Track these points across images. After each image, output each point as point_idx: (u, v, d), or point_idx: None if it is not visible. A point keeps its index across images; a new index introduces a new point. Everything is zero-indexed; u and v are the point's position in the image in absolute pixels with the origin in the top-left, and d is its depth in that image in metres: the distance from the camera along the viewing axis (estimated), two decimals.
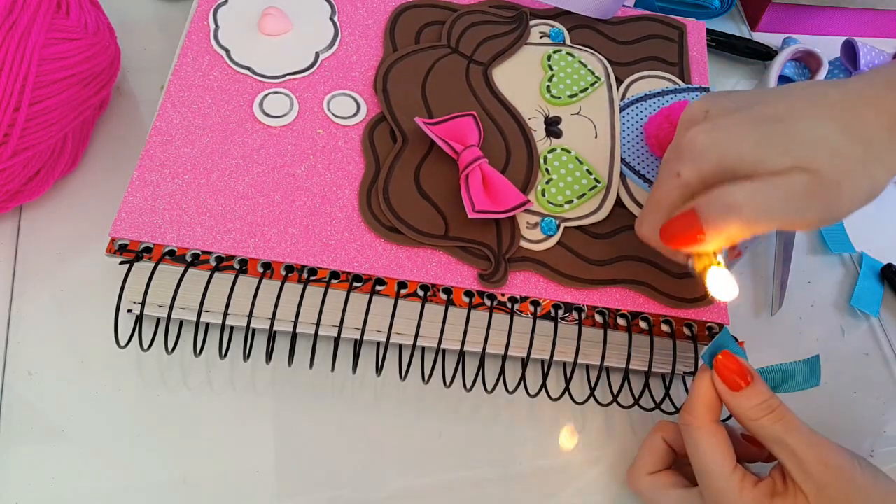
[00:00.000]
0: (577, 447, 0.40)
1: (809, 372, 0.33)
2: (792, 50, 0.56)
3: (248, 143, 0.39)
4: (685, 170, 0.32)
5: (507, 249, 0.38)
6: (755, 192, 0.30)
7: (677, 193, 0.33)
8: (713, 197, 0.31)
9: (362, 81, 0.42)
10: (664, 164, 0.34)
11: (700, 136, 0.31)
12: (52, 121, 0.38)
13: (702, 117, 0.32)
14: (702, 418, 0.33)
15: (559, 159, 0.41)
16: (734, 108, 0.32)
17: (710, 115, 0.32)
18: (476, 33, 0.45)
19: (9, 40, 0.36)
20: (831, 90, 0.31)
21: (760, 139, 0.30)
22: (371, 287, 0.36)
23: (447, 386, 0.38)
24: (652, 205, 0.34)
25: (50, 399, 0.37)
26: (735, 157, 0.30)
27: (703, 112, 0.33)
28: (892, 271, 0.49)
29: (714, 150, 0.31)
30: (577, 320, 0.37)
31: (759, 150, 0.30)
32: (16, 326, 0.38)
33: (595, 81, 0.45)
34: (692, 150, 0.31)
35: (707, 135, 0.31)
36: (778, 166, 0.30)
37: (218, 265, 0.35)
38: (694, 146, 0.31)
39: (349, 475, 0.37)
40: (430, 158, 0.40)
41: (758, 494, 0.31)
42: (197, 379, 0.38)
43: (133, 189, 0.36)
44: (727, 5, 0.59)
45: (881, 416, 0.44)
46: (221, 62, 0.41)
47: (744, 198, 0.30)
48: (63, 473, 0.35)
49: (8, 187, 0.39)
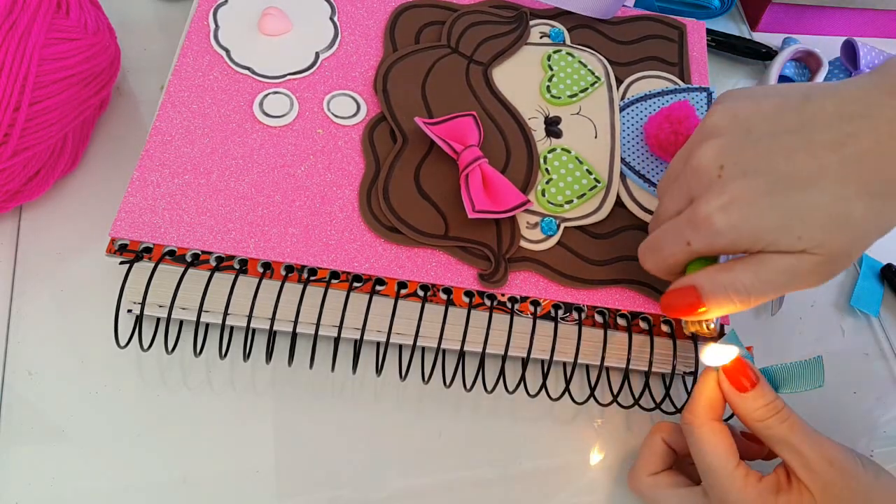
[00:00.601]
0: (577, 447, 0.40)
1: (812, 373, 0.33)
2: (792, 50, 0.56)
3: (248, 143, 0.39)
4: (698, 244, 0.32)
5: (507, 249, 0.38)
6: (761, 277, 0.30)
7: (684, 258, 0.33)
8: (717, 281, 0.31)
9: (362, 81, 0.42)
10: (669, 191, 0.33)
11: (717, 217, 0.30)
12: (52, 121, 0.38)
13: (715, 172, 0.31)
14: (704, 417, 0.33)
15: (559, 159, 0.41)
16: (752, 163, 0.30)
17: (726, 175, 0.31)
18: (476, 33, 0.45)
19: (9, 40, 0.36)
20: (863, 129, 0.29)
21: (777, 223, 0.30)
22: (371, 287, 0.36)
23: (447, 386, 0.38)
24: (652, 248, 0.34)
25: (50, 399, 0.37)
26: (750, 239, 0.30)
27: (717, 167, 0.31)
28: (892, 271, 0.49)
29: (730, 233, 0.30)
30: (577, 320, 0.37)
31: (775, 234, 0.30)
32: (16, 326, 0.38)
33: (595, 81, 0.45)
34: (708, 227, 0.31)
35: (724, 215, 0.30)
36: (790, 248, 0.30)
37: (218, 265, 0.35)
38: (710, 224, 0.31)
39: (349, 475, 0.37)
40: (430, 158, 0.40)
41: (762, 490, 0.32)
42: (197, 379, 0.38)
43: (133, 189, 0.36)
44: (727, 5, 0.59)
45: (881, 416, 0.44)
46: (221, 62, 0.41)
47: (750, 283, 0.30)
48: (63, 473, 0.35)
49: (8, 187, 0.39)
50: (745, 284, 0.31)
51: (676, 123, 0.40)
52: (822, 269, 0.30)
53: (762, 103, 0.31)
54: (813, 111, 0.30)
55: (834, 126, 0.29)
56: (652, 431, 0.37)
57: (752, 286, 0.30)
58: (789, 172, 0.29)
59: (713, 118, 0.32)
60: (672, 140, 0.41)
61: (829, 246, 0.29)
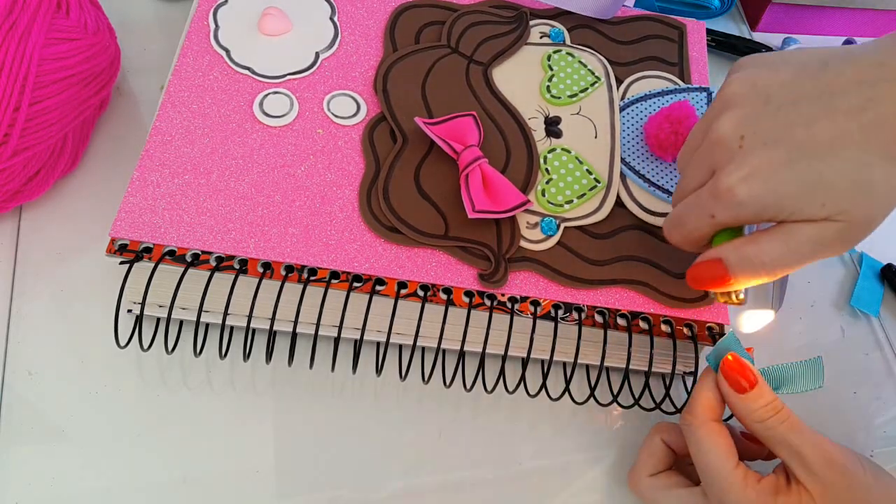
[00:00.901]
0: (577, 447, 0.40)
1: (812, 373, 0.33)
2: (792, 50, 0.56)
3: (248, 143, 0.39)
4: (722, 216, 0.32)
5: (507, 249, 0.38)
6: (786, 248, 0.30)
7: (709, 231, 0.33)
8: (743, 254, 0.31)
9: (362, 81, 0.42)
10: (691, 163, 0.33)
11: (739, 188, 0.30)
12: (52, 121, 0.38)
13: (736, 143, 0.31)
14: (703, 417, 0.33)
15: (559, 159, 0.41)
16: (772, 133, 0.30)
17: (746, 146, 0.31)
18: (476, 33, 0.45)
19: (9, 40, 0.36)
20: (883, 94, 0.29)
21: (800, 191, 0.30)
22: (371, 287, 0.36)
23: (447, 386, 0.38)
24: (676, 223, 0.34)
25: (50, 399, 0.37)
26: (773, 209, 0.30)
27: (737, 137, 0.31)
28: (892, 271, 0.49)
29: (753, 204, 0.30)
30: (577, 320, 0.37)
31: (798, 202, 0.30)
32: (16, 326, 0.38)
33: (595, 81, 0.45)
34: (730, 199, 0.31)
35: (746, 186, 0.30)
36: (813, 216, 0.30)
37: (218, 265, 0.35)
38: (732, 196, 0.31)
39: (349, 475, 0.37)
40: (430, 158, 0.40)
41: (761, 491, 0.32)
42: (197, 379, 0.38)
43: (133, 189, 0.36)
44: (727, 5, 0.59)
45: (881, 415, 0.44)
46: (221, 62, 0.41)
47: (777, 254, 0.31)
48: (63, 473, 0.35)
49: (8, 187, 0.39)
50: (772, 256, 0.31)
51: (676, 123, 0.40)
52: (846, 235, 0.30)
53: (780, 71, 0.31)
54: (831, 77, 0.30)
55: (853, 92, 0.29)
56: (651, 432, 0.37)
57: (778, 257, 0.30)
58: (810, 140, 0.29)
59: (731, 87, 0.32)
60: (672, 140, 0.41)
61: (853, 212, 0.29)
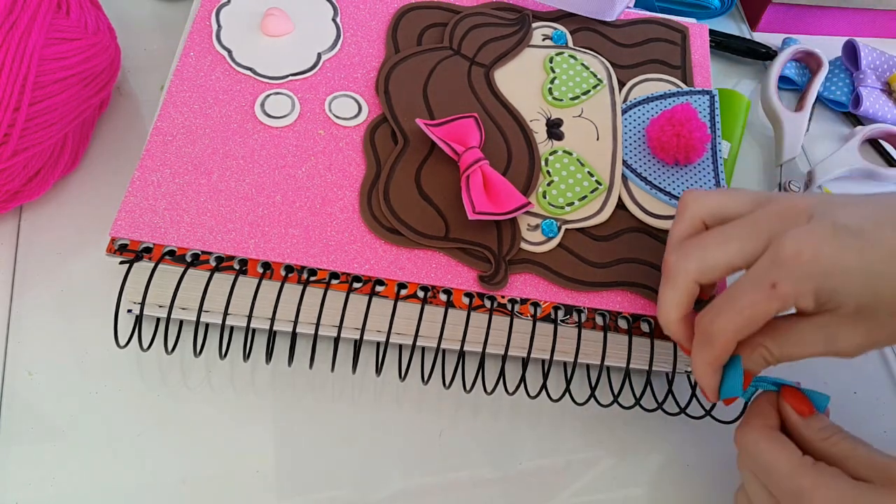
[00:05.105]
0: (577, 447, 0.40)
1: (816, 397, 0.34)
2: (792, 50, 0.56)
3: (249, 144, 0.39)
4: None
5: (508, 251, 0.38)
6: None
7: (775, 308, 0.31)
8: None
9: (364, 83, 0.42)
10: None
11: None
12: (52, 121, 0.38)
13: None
14: (760, 428, 0.34)
15: (561, 161, 0.41)
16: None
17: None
18: (478, 35, 0.45)
19: (9, 40, 0.36)
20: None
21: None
22: (371, 288, 0.36)
23: (447, 387, 0.38)
24: (732, 307, 0.32)
25: (50, 399, 0.37)
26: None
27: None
28: None
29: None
30: (577, 323, 0.37)
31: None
32: (16, 326, 0.38)
33: (597, 84, 0.45)
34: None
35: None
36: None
37: (218, 265, 0.35)
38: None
39: (349, 475, 0.37)
40: (431, 160, 0.40)
41: (834, 471, 0.32)
42: (197, 379, 0.38)
43: (133, 189, 0.36)
44: (727, 5, 0.59)
45: (881, 416, 0.44)
46: (223, 62, 0.41)
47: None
48: (63, 473, 0.35)
49: (8, 187, 0.38)
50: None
51: (678, 126, 0.40)
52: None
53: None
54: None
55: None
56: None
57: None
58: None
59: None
60: (674, 143, 0.41)
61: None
